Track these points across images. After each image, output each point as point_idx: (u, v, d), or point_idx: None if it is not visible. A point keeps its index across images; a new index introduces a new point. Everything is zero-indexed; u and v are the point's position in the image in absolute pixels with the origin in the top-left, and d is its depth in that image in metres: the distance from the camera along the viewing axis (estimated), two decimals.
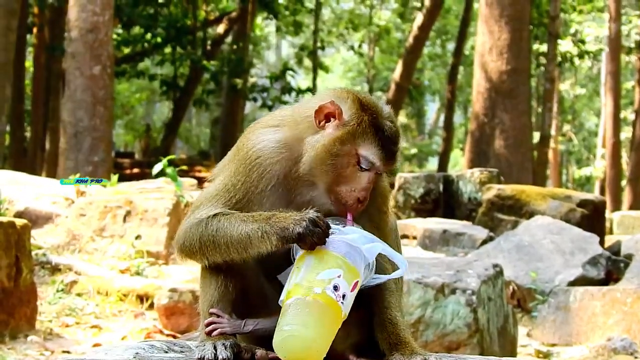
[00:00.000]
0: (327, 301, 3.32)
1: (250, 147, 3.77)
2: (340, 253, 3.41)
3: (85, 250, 11.91)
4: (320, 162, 3.63)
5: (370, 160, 3.62)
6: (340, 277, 3.36)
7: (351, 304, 3.42)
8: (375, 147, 3.64)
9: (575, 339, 10.31)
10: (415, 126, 60.15)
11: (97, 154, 19.50)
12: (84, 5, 19.63)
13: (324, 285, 3.33)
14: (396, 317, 3.75)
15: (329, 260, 3.39)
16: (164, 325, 9.68)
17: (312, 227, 3.41)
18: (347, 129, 3.64)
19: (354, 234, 3.48)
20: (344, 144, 3.62)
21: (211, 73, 35.31)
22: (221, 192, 3.78)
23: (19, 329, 8.97)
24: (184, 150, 53.42)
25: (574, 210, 15.24)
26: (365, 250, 3.44)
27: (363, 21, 48.78)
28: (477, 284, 7.91)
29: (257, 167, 3.73)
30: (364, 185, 3.62)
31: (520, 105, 26.28)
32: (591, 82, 55.21)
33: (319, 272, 3.37)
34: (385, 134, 3.66)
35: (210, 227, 3.66)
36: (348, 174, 3.62)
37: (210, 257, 3.70)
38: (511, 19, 26.06)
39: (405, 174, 18.42)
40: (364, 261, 3.45)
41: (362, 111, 3.68)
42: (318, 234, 3.41)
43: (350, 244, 3.42)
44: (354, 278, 3.41)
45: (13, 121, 30.79)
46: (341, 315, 3.37)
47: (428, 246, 13.89)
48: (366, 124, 3.65)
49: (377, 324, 3.74)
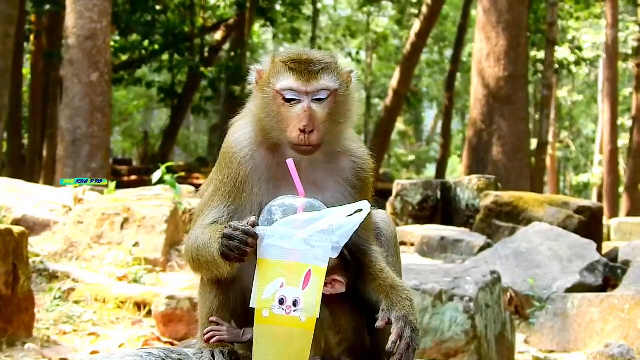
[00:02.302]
0: (277, 321, 3.30)
1: (228, 142, 3.91)
2: (276, 258, 3.35)
3: (82, 257, 11.90)
4: (261, 123, 3.75)
5: (288, 88, 3.67)
6: (283, 286, 3.31)
7: (317, 294, 3.36)
8: (288, 75, 3.70)
9: (573, 345, 10.31)
10: (413, 133, 60.25)
11: (95, 161, 19.48)
12: (81, 12, 19.63)
13: (270, 304, 3.31)
14: (385, 267, 3.79)
15: (267, 272, 3.35)
16: (162, 333, 9.67)
17: (228, 243, 3.43)
18: (264, 78, 3.78)
19: (283, 227, 3.40)
20: (265, 92, 3.73)
21: (209, 80, 35.32)
22: (215, 192, 3.87)
23: (17, 337, 8.95)
24: (182, 158, 53.38)
25: (571, 217, 15.25)
26: (305, 236, 3.36)
27: (360, 28, 48.87)
28: (474, 290, 7.91)
29: (236, 157, 3.83)
30: (300, 115, 3.64)
31: (518, 112, 26.28)
32: (589, 88, 55.30)
33: (263, 290, 3.33)
34: (293, 59, 3.73)
35: (194, 248, 3.74)
36: (284, 116, 3.69)
37: (206, 274, 3.79)
38: (508, 26, 26.08)
39: (403, 181, 18.43)
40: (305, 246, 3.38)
41: (274, 57, 3.81)
42: (237, 249, 3.40)
43: (285, 245, 3.35)
44: (302, 272, 3.34)
45: (11, 128, 30.76)
46: (299, 322, 3.32)
47: (426, 253, 13.88)
48: (276, 63, 3.76)
49: (366, 277, 3.77)
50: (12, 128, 31.22)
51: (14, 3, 20.88)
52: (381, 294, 3.71)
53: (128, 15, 32.79)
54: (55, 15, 30.47)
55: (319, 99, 3.68)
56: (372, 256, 3.81)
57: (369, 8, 46.78)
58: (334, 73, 3.74)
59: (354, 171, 3.84)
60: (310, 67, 3.70)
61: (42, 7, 30.41)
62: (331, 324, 3.71)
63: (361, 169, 3.86)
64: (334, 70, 3.75)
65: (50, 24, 32.59)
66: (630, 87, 43.60)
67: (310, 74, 3.69)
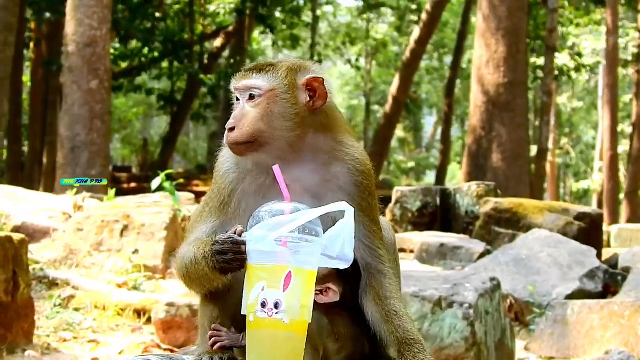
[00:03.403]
0: (260, 324, 3.29)
1: (219, 163, 3.89)
2: (257, 262, 3.34)
3: (82, 264, 11.89)
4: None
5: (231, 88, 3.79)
6: (264, 289, 3.30)
7: (302, 297, 3.33)
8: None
9: (573, 352, 10.30)
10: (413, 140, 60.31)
11: (94, 169, 19.48)
12: (81, 19, 19.66)
13: (254, 309, 3.29)
14: (400, 309, 3.72)
15: (251, 277, 3.34)
16: (162, 340, 9.67)
17: (222, 258, 3.42)
18: None
19: (256, 229, 3.38)
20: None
21: (208, 87, 35.33)
22: (203, 207, 3.89)
23: (17, 344, 8.95)
24: (182, 165, 53.44)
25: (571, 224, 15.25)
26: (275, 237, 3.33)
27: (360, 35, 48.93)
28: (474, 297, 7.91)
29: (220, 171, 3.84)
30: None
31: (518, 119, 26.29)
32: (588, 95, 55.39)
33: (248, 295, 3.32)
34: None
35: (183, 266, 3.72)
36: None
37: (200, 289, 3.78)
38: (508, 32, 26.11)
39: (402, 188, 18.43)
40: (277, 248, 3.34)
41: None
42: (235, 260, 3.40)
43: (261, 248, 3.33)
44: (281, 274, 3.31)
45: (11, 136, 30.80)
46: (283, 324, 3.29)
47: (425, 260, 13.88)
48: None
49: (379, 314, 3.71)
50: (12, 135, 31.26)
51: (14, 11, 20.90)
52: (394, 347, 3.68)
53: (128, 23, 32.83)
54: (55, 23, 30.53)
55: (250, 98, 3.69)
56: (385, 286, 3.75)
57: (368, 15, 46.86)
58: (272, 74, 3.71)
59: (349, 177, 3.77)
60: (247, 67, 3.77)
61: (41, 14, 30.49)
62: (330, 332, 3.70)
63: (358, 174, 3.79)
64: (273, 72, 3.71)
65: (50, 31, 32.67)
66: (631, 93, 43.63)
67: (244, 73, 3.74)
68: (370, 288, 3.74)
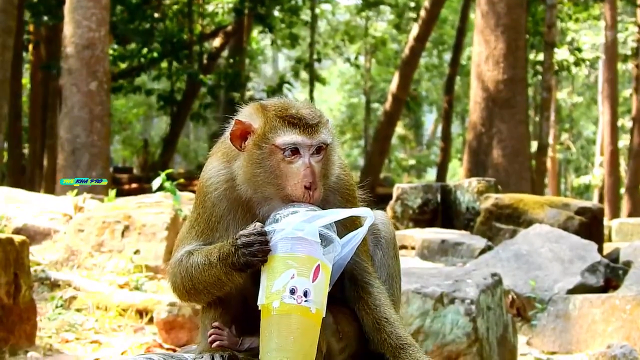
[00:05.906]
0: (288, 310, 3.31)
1: (202, 180, 3.88)
2: (286, 251, 3.37)
3: (84, 265, 11.91)
4: (254, 179, 3.66)
5: (289, 143, 3.60)
6: (294, 277, 3.33)
7: (324, 291, 3.38)
8: (288, 130, 3.62)
9: (575, 346, 10.31)
10: (413, 137, 60.27)
11: (95, 170, 19.48)
12: (79, 21, 19.65)
13: (281, 295, 3.32)
14: (391, 315, 3.75)
15: (278, 266, 3.36)
16: (164, 340, 9.68)
17: (248, 250, 3.43)
18: (258, 133, 3.65)
19: (294, 219, 3.42)
20: (262, 149, 3.63)
21: (208, 87, 35.34)
22: (190, 228, 3.88)
23: (19, 346, 8.96)
24: (182, 165, 53.39)
25: (572, 219, 15.24)
26: (310, 230, 3.39)
27: (359, 33, 48.90)
28: (476, 293, 7.91)
29: (209, 197, 3.80)
30: (302, 171, 3.59)
31: (518, 115, 26.27)
32: (588, 90, 55.33)
33: (273, 284, 3.34)
34: (291, 115, 3.66)
35: (187, 277, 3.73)
36: (283, 172, 3.62)
37: (206, 298, 3.78)
38: (507, 29, 26.08)
39: (402, 185, 18.40)
40: (317, 238, 3.40)
41: (265, 111, 3.70)
42: (261, 251, 3.41)
43: (291, 236, 3.37)
44: (312, 265, 3.36)
45: (11, 138, 30.79)
46: (310, 312, 3.33)
47: (426, 256, 13.87)
48: (271, 118, 3.66)
49: (370, 324, 3.75)
50: (12, 138, 31.26)
51: (12, 14, 20.89)
52: (389, 354, 3.71)
53: (126, 24, 32.85)
54: (54, 26, 30.52)
55: (316, 154, 3.65)
56: (373, 295, 3.79)
57: (367, 12, 46.81)
58: (326, 126, 3.72)
59: (332, 195, 3.83)
60: (310, 121, 3.65)
61: (40, 17, 30.48)
62: (335, 331, 3.71)
63: (344, 193, 3.86)
64: (325, 124, 3.72)
65: (48, 34, 32.66)
66: (630, 88, 43.57)
67: (312, 128, 3.64)
68: (360, 299, 3.78)
